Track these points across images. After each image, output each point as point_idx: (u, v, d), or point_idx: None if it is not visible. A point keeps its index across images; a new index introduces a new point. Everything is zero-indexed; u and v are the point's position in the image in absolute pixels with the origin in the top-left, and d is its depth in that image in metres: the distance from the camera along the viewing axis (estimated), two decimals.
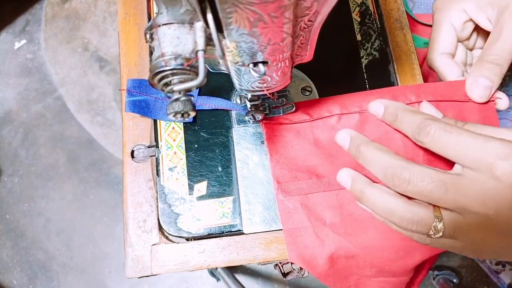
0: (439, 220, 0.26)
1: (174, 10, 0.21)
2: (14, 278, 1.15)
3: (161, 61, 0.21)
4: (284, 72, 0.25)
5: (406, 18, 0.40)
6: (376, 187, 0.29)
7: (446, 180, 0.26)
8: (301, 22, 0.20)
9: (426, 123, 0.28)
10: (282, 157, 0.34)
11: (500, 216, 0.24)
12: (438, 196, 0.26)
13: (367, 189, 0.29)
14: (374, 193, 0.29)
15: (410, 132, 0.29)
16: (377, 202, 0.28)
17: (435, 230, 0.26)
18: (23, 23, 1.35)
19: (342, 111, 0.34)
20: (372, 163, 0.29)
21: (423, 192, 0.26)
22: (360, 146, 0.30)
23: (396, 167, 0.27)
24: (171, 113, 0.22)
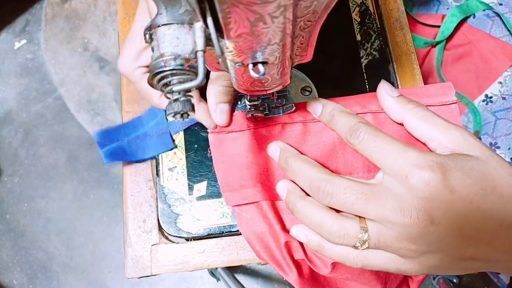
0: (364, 231, 0.27)
1: (174, 11, 0.21)
2: (14, 278, 1.15)
3: (161, 62, 0.21)
4: (283, 72, 0.25)
5: (406, 18, 0.40)
6: (308, 201, 0.29)
7: (367, 191, 0.26)
8: (301, 22, 0.20)
9: (357, 126, 0.28)
10: (229, 166, 0.33)
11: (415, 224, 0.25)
12: (360, 207, 0.26)
13: (299, 202, 0.29)
14: (305, 206, 0.29)
15: (343, 133, 0.30)
16: (307, 216, 0.29)
17: (361, 242, 0.27)
18: (23, 23, 1.35)
19: (286, 121, 0.34)
20: (299, 176, 0.30)
21: (346, 204, 0.27)
22: (288, 159, 0.31)
23: (320, 180, 0.28)
24: (171, 114, 0.22)
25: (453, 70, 0.58)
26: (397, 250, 0.27)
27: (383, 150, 0.27)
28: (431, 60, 0.60)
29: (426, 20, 0.59)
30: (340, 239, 0.27)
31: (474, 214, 0.25)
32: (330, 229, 0.27)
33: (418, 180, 0.25)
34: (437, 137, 0.28)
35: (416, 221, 0.25)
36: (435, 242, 0.26)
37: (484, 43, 0.55)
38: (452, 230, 0.25)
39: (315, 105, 0.33)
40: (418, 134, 0.30)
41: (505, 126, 0.53)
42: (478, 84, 0.56)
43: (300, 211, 0.29)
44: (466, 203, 0.25)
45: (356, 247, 0.27)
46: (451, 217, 0.25)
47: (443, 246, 0.26)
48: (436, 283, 1.02)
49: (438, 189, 0.25)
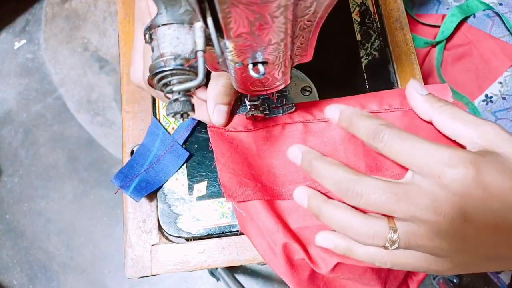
0: (393, 231, 0.26)
1: (174, 11, 0.21)
2: (14, 278, 1.15)
3: (161, 62, 0.21)
4: (283, 72, 0.25)
5: (406, 18, 0.40)
6: (332, 203, 0.29)
7: (397, 190, 0.26)
8: (301, 22, 0.20)
9: (380, 129, 0.28)
10: (229, 161, 0.33)
11: (449, 222, 0.25)
12: (391, 207, 0.26)
13: (323, 206, 0.29)
14: (330, 209, 0.29)
15: (365, 137, 0.29)
16: (334, 219, 0.28)
17: (391, 242, 0.26)
18: (23, 23, 1.35)
19: (286, 121, 0.34)
20: (326, 178, 0.29)
21: (376, 204, 0.26)
22: (312, 161, 0.30)
23: (349, 181, 0.28)
24: (171, 114, 0.22)
25: (453, 70, 0.58)
26: (429, 249, 0.26)
27: (411, 151, 0.26)
28: (431, 60, 0.60)
29: (426, 20, 0.59)
30: (369, 239, 0.27)
31: (509, 212, 0.25)
32: (358, 230, 0.27)
33: (452, 177, 0.25)
34: (467, 133, 0.28)
35: (450, 219, 0.25)
36: (469, 240, 0.25)
37: (484, 43, 0.55)
38: (487, 228, 0.25)
39: (332, 111, 0.32)
40: (448, 131, 0.29)
41: (505, 126, 0.53)
42: (478, 84, 0.56)
43: (326, 215, 0.29)
44: (501, 200, 0.25)
45: (386, 247, 0.27)
46: (486, 215, 0.25)
47: (478, 244, 0.25)
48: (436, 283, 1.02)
49: (472, 186, 0.25)
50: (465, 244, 0.26)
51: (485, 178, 0.25)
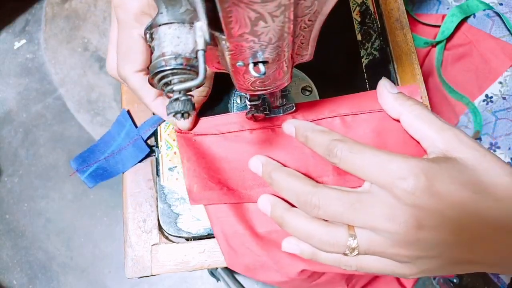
0: (353, 238, 0.27)
1: (174, 10, 0.21)
2: (14, 278, 1.15)
3: (161, 61, 0.21)
4: (284, 72, 0.25)
5: (406, 18, 0.40)
6: (294, 212, 0.29)
7: (354, 200, 0.27)
8: (302, 21, 0.20)
9: (333, 145, 0.28)
10: (195, 165, 0.34)
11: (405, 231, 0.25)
12: (348, 217, 0.27)
13: (286, 215, 0.30)
14: (293, 219, 0.29)
15: (321, 152, 0.30)
16: (296, 228, 0.29)
17: (350, 249, 0.27)
18: (23, 23, 1.35)
19: (252, 127, 0.34)
20: (285, 191, 0.30)
21: (334, 215, 0.27)
22: (271, 173, 0.31)
23: (307, 193, 0.28)
24: (171, 113, 0.22)
25: (453, 70, 0.58)
26: (390, 256, 0.27)
27: (363, 165, 0.27)
28: (431, 60, 0.60)
29: (426, 20, 0.59)
30: (330, 247, 0.27)
31: (469, 219, 0.25)
32: (320, 238, 0.28)
33: (404, 190, 0.25)
34: (431, 136, 0.28)
35: (406, 228, 0.25)
36: (428, 248, 0.26)
37: (484, 43, 0.55)
38: (445, 236, 0.25)
39: (288, 128, 0.33)
40: (412, 131, 0.30)
41: (505, 126, 0.53)
42: (478, 84, 0.56)
43: (289, 224, 0.29)
44: (458, 208, 0.25)
45: (346, 254, 0.27)
46: (443, 223, 0.25)
47: (437, 251, 0.26)
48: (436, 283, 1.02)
49: (425, 197, 0.25)
50: (424, 251, 0.26)
51: (437, 187, 0.25)
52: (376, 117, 0.33)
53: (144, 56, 0.31)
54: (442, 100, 0.59)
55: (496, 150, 0.53)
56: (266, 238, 0.33)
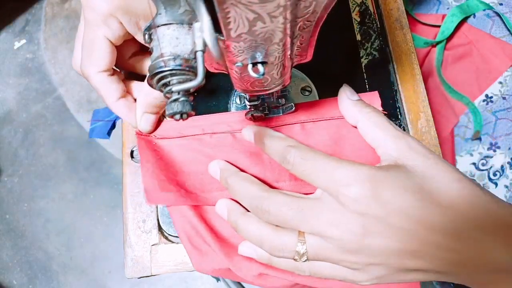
0: (302, 244, 0.27)
1: (173, 11, 0.21)
2: (14, 278, 1.15)
3: (160, 62, 0.21)
4: (283, 72, 0.25)
5: (406, 18, 0.40)
6: (248, 217, 0.30)
7: (303, 206, 0.27)
8: (300, 22, 0.20)
9: (286, 151, 0.29)
10: (153, 166, 0.34)
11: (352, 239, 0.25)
12: (297, 222, 0.27)
13: (240, 220, 0.30)
14: (245, 223, 0.29)
15: (277, 159, 0.30)
16: (249, 233, 0.29)
17: (299, 255, 0.27)
18: (22, 23, 1.35)
19: (214, 130, 0.34)
20: (239, 196, 0.30)
21: (283, 220, 0.27)
22: (227, 179, 0.31)
23: (258, 198, 0.28)
24: (170, 114, 0.21)
25: (454, 70, 0.58)
26: (339, 262, 0.27)
27: (313, 172, 0.27)
28: (431, 60, 0.60)
29: (426, 20, 0.59)
30: (279, 252, 0.28)
31: (413, 227, 0.25)
32: (270, 243, 0.28)
33: (348, 196, 0.25)
34: (384, 144, 0.29)
35: (352, 234, 0.25)
36: (375, 255, 0.26)
37: (484, 43, 0.55)
38: (391, 244, 0.25)
39: (247, 134, 0.33)
40: (369, 139, 0.30)
41: (505, 126, 0.53)
42: (479, 84, 0.56)
43: (242, 229, 0.30)
44: (402, 215, 0.25)
45: (295, 260, 0.28)
46: (387, 231, 0.25)
47: (384, 259, 0.26)
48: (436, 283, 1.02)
49: (369, 204, 0.25)
50: (371, 258, 0.26)
51: (382, 194, 0.25)
52: (335, 124, 0.34)
53: (108, 57, 0.32)
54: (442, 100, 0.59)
55: (496, 150, 0.52)
56: (226, 241, 0.33)
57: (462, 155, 0.55)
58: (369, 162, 0.31)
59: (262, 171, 0.33)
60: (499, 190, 0.51)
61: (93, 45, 0.31)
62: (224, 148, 0.34)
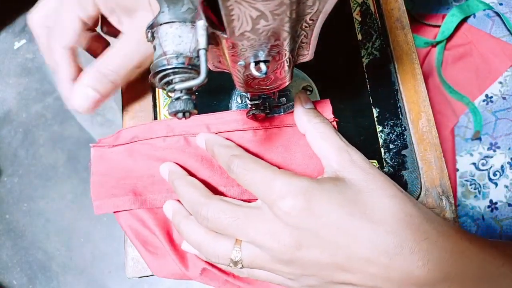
0: (238, 251, 0.28)
1: (176, 9, 0.21)
2: (14, 278, 1.15)
3: (163, 60, 0.21)
4: (285, 71, 0.25)
5: (407, 18, 0.40)
6: (190, 221, 0.30)
7: (240, 215, 0.27)
8: (303, 21, 0.20)
9: (231, 160, 0.29)
10: (102, 176, 0.35)
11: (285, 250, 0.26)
12: (233, 231, 0.27)
13: (182, 223, 0.30)
14: (187, 227, 0.30)
15: (224, 167, 0.31)
16: (189, 236, 0.30)
17: (233, 263, 0.28)
18: (22, 23, 1.35)
19: (168, 134, 0.35)
20: (183, 200, 0.31)
21: (220, 227, 0.28)
22: (174, 181, 0.32)
23: (198, 204, 0.29)
24: (173, 112, 0.22)
25: (454, 70, 0.58)
26: (273, 271, 0.28)
27: (253, 183, 0.28)
28: (432, 60, 0.60)
29: (426, 19, 0.59)
30: (215, 259, 0.28)
31: (343, 241, 0.25)
32: (206, 249, 0.28)
33: (281, 208, 0.26)
34: (328, 156, 0.29)
35: (285, 246, 0.26)
36: (307, 266, 0.26)
37: (484, 43, 0.55)
38: (322, 257, 0.26)
39: (199, 140, 0.34)
40: (315, 149, 0.31)
41: (505, 126, 0.53)
42: (479, 84, 0.56)
43: (183, 232, 0.30)
44: (333, 229, 0.25)
45: (230, 267, 0.28)
46: (319, 244, 0.25)
47: (316, 271, 0.26)
48: None
49: (301, 216, 0.25)
50: (305, 270, 0.26)
51: (314, 207, 0.26)
52: (287, 132, 0.34)
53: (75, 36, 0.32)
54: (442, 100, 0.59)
55: (496, 150, 0.53)
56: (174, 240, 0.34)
57: (462, 155, 0.55)
58: (318, 170, 0.32)
59: (211, 175, 0.33)
60: (499, 190, 0.51)
61: (65, 20, 0.32)
62: (177, 152, 0.35)
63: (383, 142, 0.35)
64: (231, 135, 0.35)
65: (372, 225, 0.25)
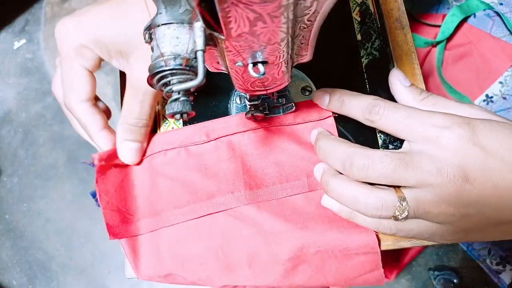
0: (402, 199, 0.27)
1: (173, 10, 0.21)
2: (14, 278, 1.15)
3: (160, 61, 0.21)
4: (283, 72, 0.25)
5: (406, 18, 0.40)
6: (340, 178, 0.29)
7: (403, 156, 0.27)
8: (301, 21, 0.20)
9: (375, 103, 0.29)
10: (112, 198, 0.34)
11: (452, 183, 0.25)
12: (400, 173, 0.26)
13: (331, 180, 0.30)
14: (338, 183, 0.29)
15: (360, 113, 0.30)
16: (341, 193, 0.29)
17: (400, 210, 0.27)
18: (22, 23, 1.35)
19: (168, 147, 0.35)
20: (330, 156, 0.30)
21: (385, 172, 0.27)
22: (318, 142, 0.32)
23: (352, 156, 0.28)
24: (170, 113, 0.21)
25: (454, 70, 0.58)
26: (436, 216, 0.27)
27: (407, 119, 0.28)
28: (432, 60, 0.60)
29: (427, 19, 0.59)
30: (378, 211, 0.27)
31: (508, 172, 0.25)
32: (366, 202, 0.27)
33: (449, 138, 0.26)
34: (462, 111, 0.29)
35: (453, 178, 0.25)
36: (473, 202, 0.26)
37: (485, 43, 0.55)
38: (487, 188, 0.25)
39: (322, 96, 0.33)
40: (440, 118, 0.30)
41: None
42: (479, 84, 0.56)
43: (334, 189, 0.29)
44: (499, 160, 0.25)
45: (395, 217, 0.27)
46: (486, 174, 0.25)
47: (480, 206, 0.26)
48: (437, 283, 1.02)
49: (469, 145, 0.25)
50: (469, 208, 0.26)
51: (480, 137, 0.26)
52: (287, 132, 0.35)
53: (88, 86, 0.32)
54: None
55: None
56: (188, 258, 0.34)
57: None
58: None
59: (217, 183, 0.33)
60: None
61: (71, 77, 0.32)
62: (178, 165, 0.35)
63: (383, 142, 0.35)
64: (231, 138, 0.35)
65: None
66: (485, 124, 0.26)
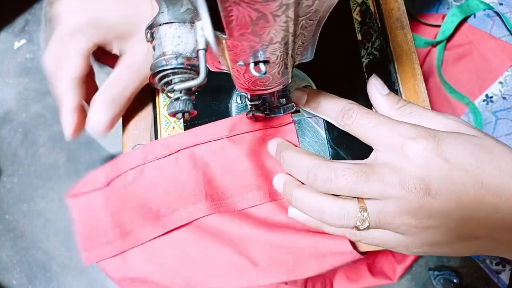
0: (363, 210, 0.27)
1: (175, 9, 0.21)
2: (14, 278, 1.15)
3: (162, 60, 0.21)
4: (284, 72, 0.25)
5: (406, 18, 0.40)
6: (304, 188, 0.29)
7: (365, 168, 0.27)
8: (303, 21, 0.20)
9: (349, 107, 0.30)
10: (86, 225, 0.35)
11: (414, 195, 0.25)
12: (362, 186, 0.27)
13: (295, 191, 0.30)
14: (302, 194, 0.29)
15: (334, 116, 0.31)
16: (305, 203, 0.29)
17: (361, 221, 0.27)
18: (22, 23, 1.35)
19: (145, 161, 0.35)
20: (294, 168, 0.30)
21: (347, 185, 0.27)
22: (282, 153, 0.31)
23: (317, 167, 0.28)
24: (172, 112, 0.21)
25: (454, 70, 0.58)
26: (398, 226, 0.27)
27: (376, 126, 0.28)
28: (432, 60, 0.60)
29: (427, 19, 0.59)
30: (340, 220, 0.27)
31: (472, 185, 0.25)
32: (331, 211, 0.27)
33: (412, 149, 0.26)
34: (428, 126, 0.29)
35: (414, 191, 0.25)
36: (434, 214, 0.26)
37: (485, 43, 0.55)
38: (450, 202, 0.25)
39: (299, 95, 0.34)
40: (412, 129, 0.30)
41: (505, 126, 0.53)
42: (479, 84, 0.56)
43: (298, 200, 0.29)
44: (462, 173, 0.25)
45: (357, 228, 0.27)
46: (449, 187, 0.25)
47: (443, 219, 0.26)
48: (436, 283, 1.02)
49: (432, 158, 0.25)
50: (432, 220, 0.26)
51: (445, 150, 0.26)
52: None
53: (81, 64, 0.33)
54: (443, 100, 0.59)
55: None
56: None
57: None
58: None
59: (178, 196, 0.33)
60: None
61: (67, 52, 0.33)
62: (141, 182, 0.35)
63: None
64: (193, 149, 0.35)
65: (500, 173, 0.25)
66: (451, 137, 0.26)
